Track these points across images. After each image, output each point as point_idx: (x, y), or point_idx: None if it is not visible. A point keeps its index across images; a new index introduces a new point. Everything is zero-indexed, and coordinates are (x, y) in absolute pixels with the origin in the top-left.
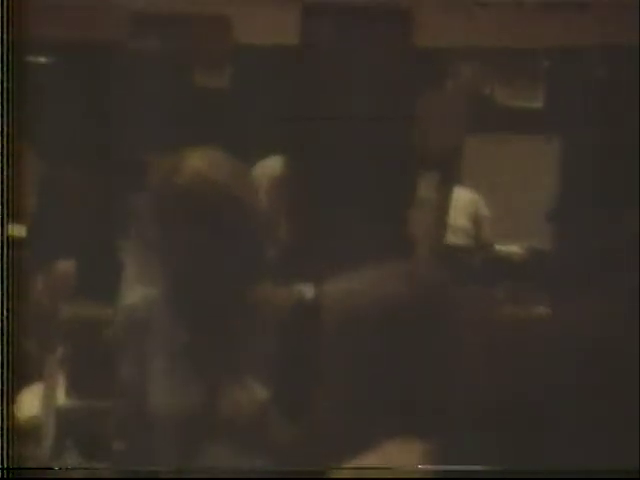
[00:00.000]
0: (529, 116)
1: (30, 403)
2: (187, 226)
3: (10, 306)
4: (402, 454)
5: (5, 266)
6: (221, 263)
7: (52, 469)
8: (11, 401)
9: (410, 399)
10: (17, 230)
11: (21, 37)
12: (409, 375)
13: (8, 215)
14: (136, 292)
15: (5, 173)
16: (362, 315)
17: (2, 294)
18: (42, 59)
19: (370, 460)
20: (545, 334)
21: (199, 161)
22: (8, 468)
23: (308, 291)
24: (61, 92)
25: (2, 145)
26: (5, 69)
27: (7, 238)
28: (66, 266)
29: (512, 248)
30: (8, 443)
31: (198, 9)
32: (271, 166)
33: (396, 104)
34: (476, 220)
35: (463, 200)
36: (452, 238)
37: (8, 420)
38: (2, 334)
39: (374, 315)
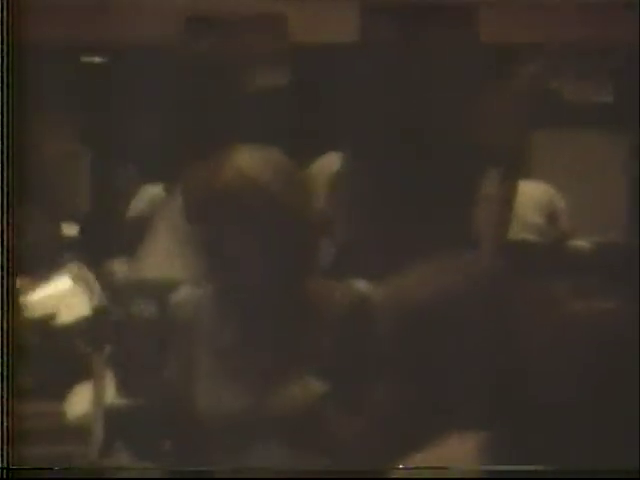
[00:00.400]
0: (599, 110)
1: (79, 402)
2: (238, 223)
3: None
4: (459, 452)
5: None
6: (273, 260)
7: (52, 469)
8: (11, 401)
9: (470, 395)
10: (67, 229)
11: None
12: (469, 371)
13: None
14: (184, 290)
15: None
16: (420, 311)
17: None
18: (97, 59)
19: (428, 458)
20: (616, 330)
21: (243, 159)
22: (8, 468)
23: (365, 286)
24: (117, 92)
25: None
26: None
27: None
28: (113, 265)
29: (585, 242)
30: (8, 443)
31: (255, 9)
32: (330, 163)
33: (459, 101)
34: (551, 215)
35: (535, 195)
36: (523, 233)
37: (8, 420)
38: (2, 334)
39: (433, 311)
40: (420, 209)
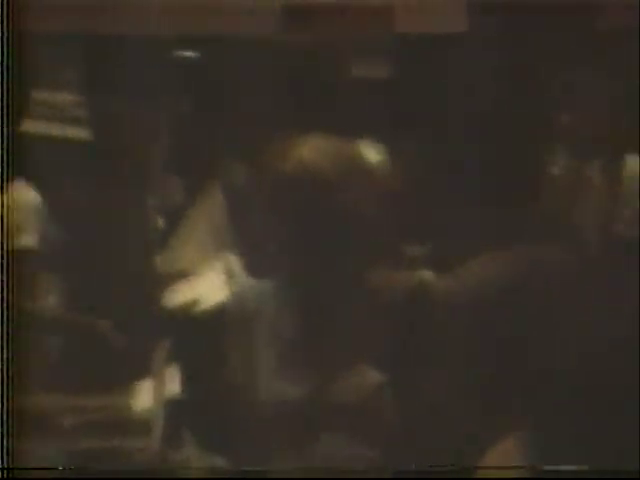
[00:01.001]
0: None
1: (143, 396)
2: (300, 213)
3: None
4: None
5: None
6: (336, 249)
7: (52, 469)
8: (12, 400)
9: (536, 386)
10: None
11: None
12: (534, 362)
13: None
14: (246, 282)
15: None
16: (488, 302)
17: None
18: (192, 53)
19: (490, 457)
20: None
21: (306, 150)
22: (8, 468)
23: (429, 275)
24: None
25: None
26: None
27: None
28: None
29: None
30: (8, 442)
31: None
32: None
33: (566, 88)
34: None
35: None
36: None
37: (9, 420)
38: (2, 333)
39: (497, 300)
40: (493, 196)
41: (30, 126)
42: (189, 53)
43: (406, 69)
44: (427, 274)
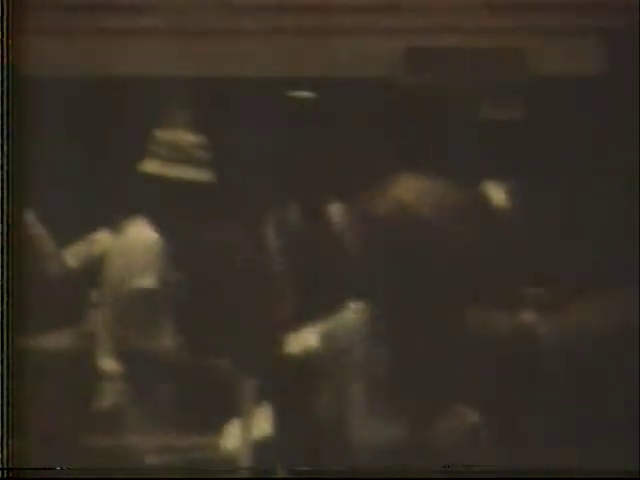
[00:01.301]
0: None
1: (234, 433)
2: (396, 251)
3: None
4: None
5: None
6: (430, 287)
7: (52, 469)
8: (11, 402)
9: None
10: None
11: None
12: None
13: None
14: (337, 317)
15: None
16: (586, 345)
17: None
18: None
19: None
20: None
21: (403, 189)
22: (8, 468)
23: (529, 317)
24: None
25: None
26: None
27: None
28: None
29: None
30: (8, 443)
31: (492, 42)
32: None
33: None
34: None
35: None
36: None
37: (8, 421)
38: (1, 333)
39: (599, 345)
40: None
41: (150, 166)
42: (305, 94)
43: (534, 111)
44: (530, 316)
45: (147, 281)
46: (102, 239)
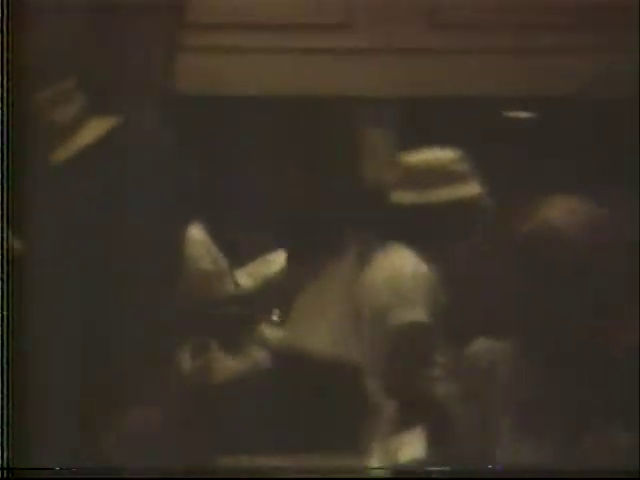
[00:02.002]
0: None
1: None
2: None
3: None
4: None
5: None
6: (573, 311)
7: (52, 469)
8: (12, 402)
9: None
10: None
11: None
12: None
13: None
14: (479, 342)
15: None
16: None
17: None
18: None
19: None
20: None
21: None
22: (8, 468)
23: None
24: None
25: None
26: None
27: None
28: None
29: None
30: (8, 443)
31: None
32: None
33: None
34: None
35: None
36: None
37: (9, 421)
38: (2, 334)
39: None
40: None
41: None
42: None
43: None
44: None
45: (416, 313)
46: (276, 259)
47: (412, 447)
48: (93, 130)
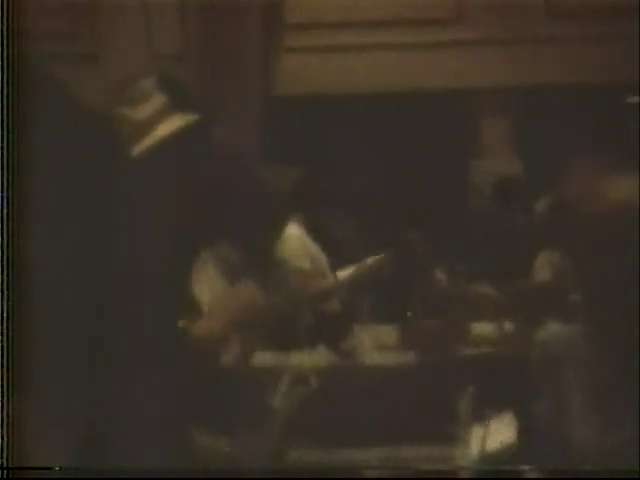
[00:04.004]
0: None
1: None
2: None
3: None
4: None
5: None
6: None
7: (52, 469)
8: (12, 402)
9: None
10: None
11: None
12: None
13: None
14: (550, 327)
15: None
16: None
17: None
18: None
19: None
20: None
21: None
22: (8, 468)
23: None
24: None
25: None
26: None
27: None
28: None
29: None
30: (8, 442)
31: None
32: None
33: None
34: None
35: None
36: None
37: (8, 420)
38: (1, 336)
39: None
40: None
41: None
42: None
43: None
44: None
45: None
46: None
47: (500, 434)
48: (170, 127)
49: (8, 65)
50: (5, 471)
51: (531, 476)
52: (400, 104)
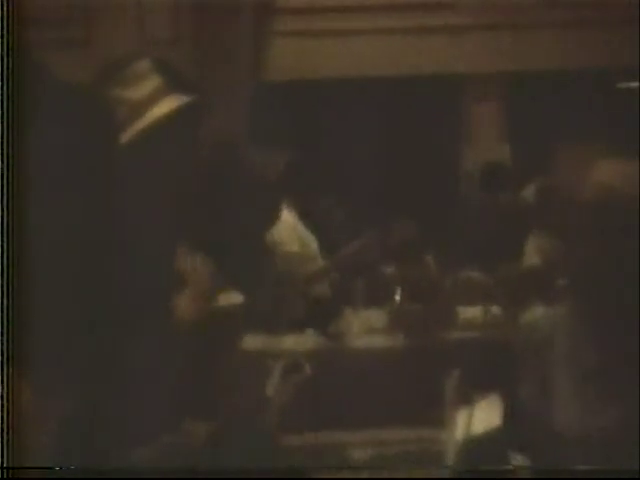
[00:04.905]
0: None
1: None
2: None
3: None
4: None
5: None
6: (629, 273)
7: (52, 469)
8: (11, 400)
9: None
10: None
11: None
12: None
13: None
14: (536, 310)
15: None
16: None
17: None
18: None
19: None
20: None
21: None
22: (8, 467)
23: None
24: None
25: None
26: None
27: None
28: None
29: None
30: (7, 442)
31: None
32: None
33: None
34: None
35: None
36: None
37: (8, 419)
38: (2, 332)
39: None
40: None
41: None
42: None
43: None
44: None
45: None
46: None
47: (487, 416)
48: (165, 108)
49: (4, 52)
50: (5, 471)
51: (523, 476)
52: (392, 89)
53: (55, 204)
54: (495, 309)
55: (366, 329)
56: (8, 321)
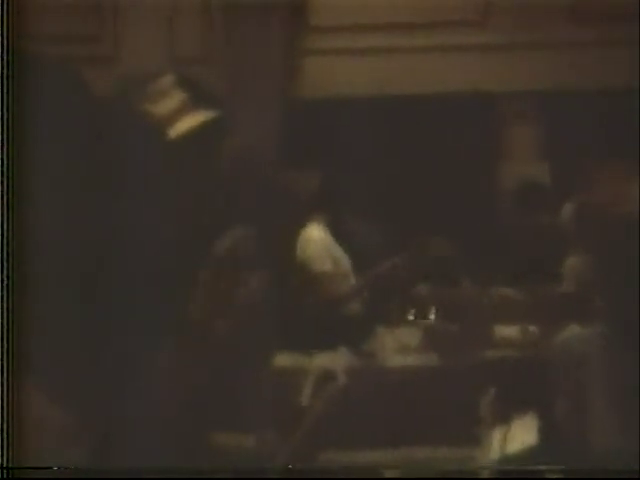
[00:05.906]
0: None
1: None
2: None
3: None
4: None
5: None
6: None
7: (52, 469)
8: (11, 402)
9: None
10: None
11: None
12: None
13: None
14: (570, 329)
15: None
16: None
17: None
18: None
19: None
20: None
21: None
22: (8, 468)
23: None
24: None
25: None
26: None
27: None
28: None
29: None
30: (8, 442)
31: None
32: None
33: None
34: None
35: None
36: None
37: (8, 420)
38: (2, 334)
39: None
40: None
41: None
42: None
43: None
44: None
45: None
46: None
47: (521, 436)
48: (189, 123)
49: (21, 67)
50: (5, 471)
51: (549, 476)
52: (424, 107)
53: (64, 211)
54: (531, 328)
55: (400, 348)
56: (9, 323)
